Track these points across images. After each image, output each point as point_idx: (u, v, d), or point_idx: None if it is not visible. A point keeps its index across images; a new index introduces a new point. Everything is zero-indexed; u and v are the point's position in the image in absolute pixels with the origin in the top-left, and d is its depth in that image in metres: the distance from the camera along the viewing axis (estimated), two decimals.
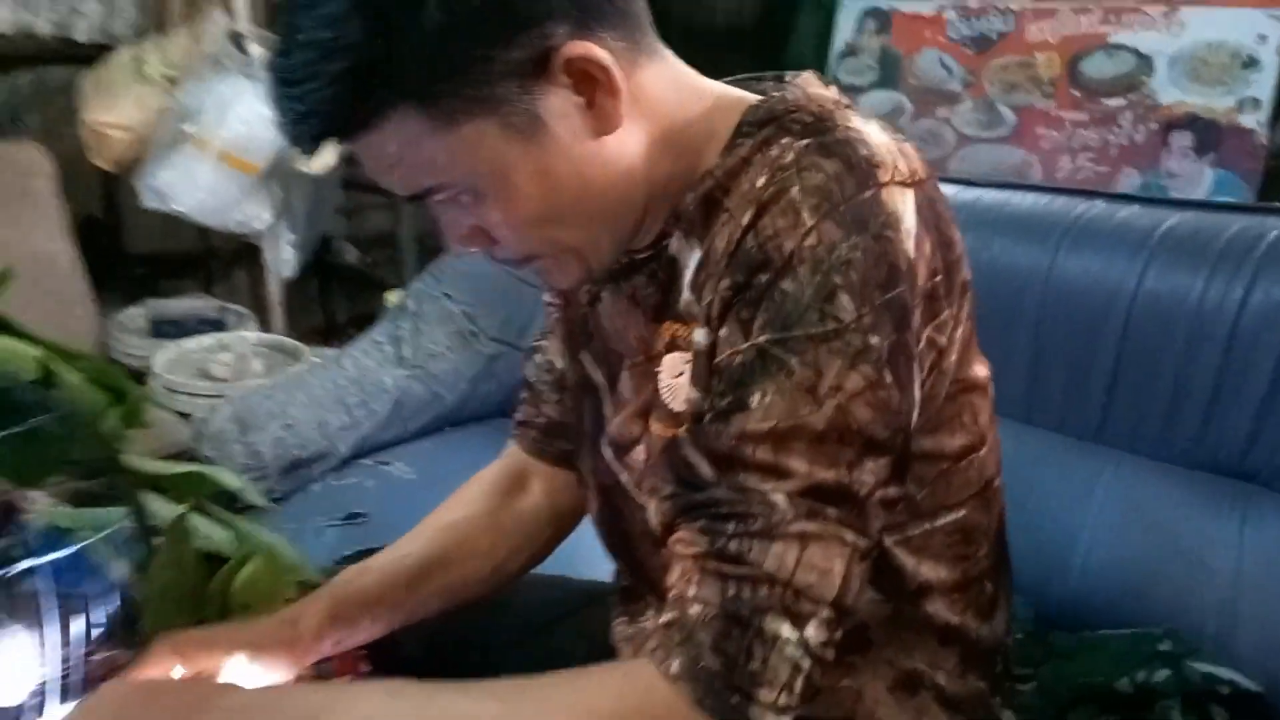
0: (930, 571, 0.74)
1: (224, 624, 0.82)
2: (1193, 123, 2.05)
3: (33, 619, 0.74)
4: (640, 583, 0.84)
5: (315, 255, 2.66)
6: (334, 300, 2.98)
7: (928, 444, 0.70)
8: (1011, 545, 1.13)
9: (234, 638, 0.76)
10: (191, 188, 2.06)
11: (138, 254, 2.65)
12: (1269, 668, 0.99)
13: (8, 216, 1.83)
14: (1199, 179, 2.04)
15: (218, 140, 2.05)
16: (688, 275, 0.69)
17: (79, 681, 0.73)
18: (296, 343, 2.13)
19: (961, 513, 0.74)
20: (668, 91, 0.69)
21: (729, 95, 0.71)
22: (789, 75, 0.73)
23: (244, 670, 0.74)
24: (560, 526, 0.93)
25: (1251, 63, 1.99)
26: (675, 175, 0.69)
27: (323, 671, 0.81)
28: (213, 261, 2.80)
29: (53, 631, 0.73)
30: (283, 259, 2.47)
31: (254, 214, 2.21)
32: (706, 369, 0.66)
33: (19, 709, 0.70)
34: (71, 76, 2.35)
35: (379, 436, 1.58)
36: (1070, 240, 1.23)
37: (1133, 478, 1.16)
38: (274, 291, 2.49)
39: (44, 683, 0.70)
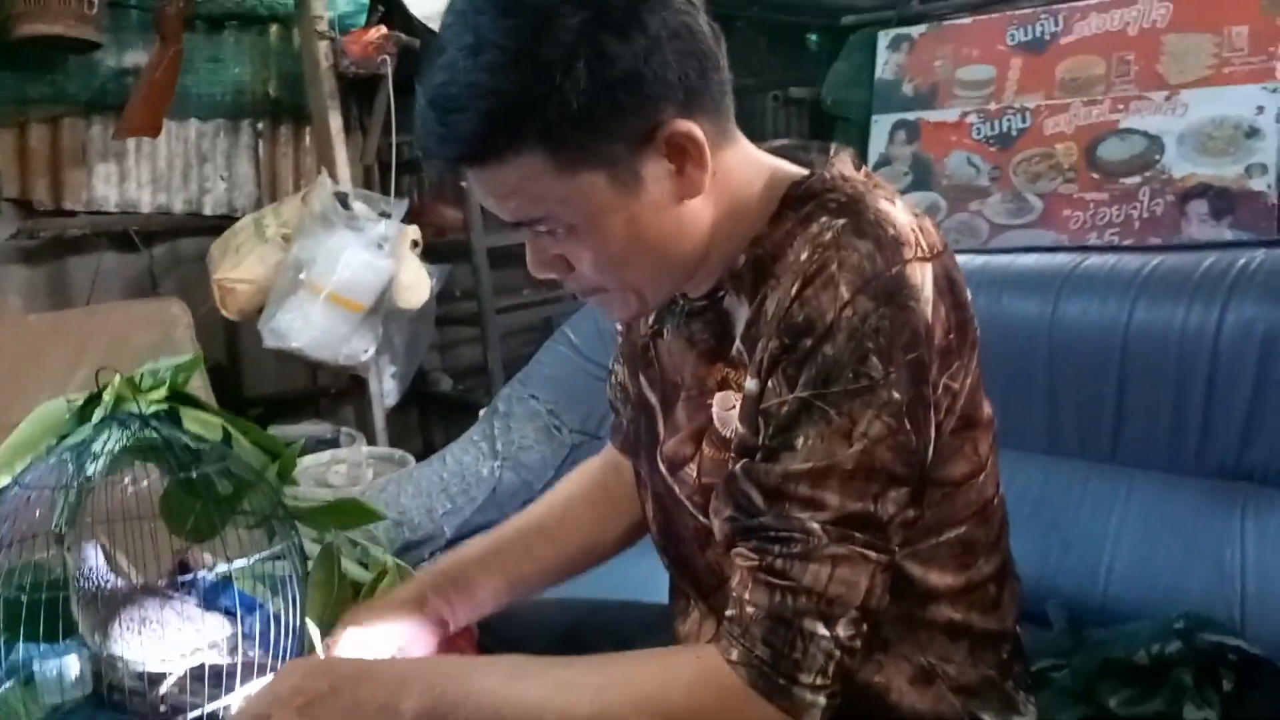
0: (937, 579, 0.85)
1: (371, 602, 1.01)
2: (1206, 191, 2.20)
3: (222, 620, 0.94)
4: (684, 578, 0.97)
5: (413, 386, 2.93)
6: (432, 426, 3.23)
7: (935, 473, 0.81)
8: (1047, 558, 1.27)
9: (384, 606, 0.96)
10: (306, 326, 2.34)
11: (256, 396, 2.94)
12: (1273, 638, 1.10)
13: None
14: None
15: (328, 284, 2.34)
16: (739, 328, 0.82)
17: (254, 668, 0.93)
18: (404, 453, 2.36)
19: (963, 529, 0.85)
20: (738, 169, 0.82)
21: (778, 171, 0.83)
22: (832, 149, 0.86)
23: (388, 643, 0.93)
24: None
25: (1254, 132, 2.16)
26: (733, 237, 0.82)
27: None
28: (321, 399, 3.08)
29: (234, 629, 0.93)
30: (385, 389, 2.74)
31: (360, 348, 2.48)
32: (753, 411, 0.78)
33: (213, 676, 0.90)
34: (199, 245, 2.70)
35: (478, 520, 1.77)
36: (1069, 289, 1.40)
37: (1146, 490, 1.29)
38: (378, 418, 2.74)
39: (236, 664, 0.90)
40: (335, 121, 2.58)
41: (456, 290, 3.05)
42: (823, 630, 0.73)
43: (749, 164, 0.83)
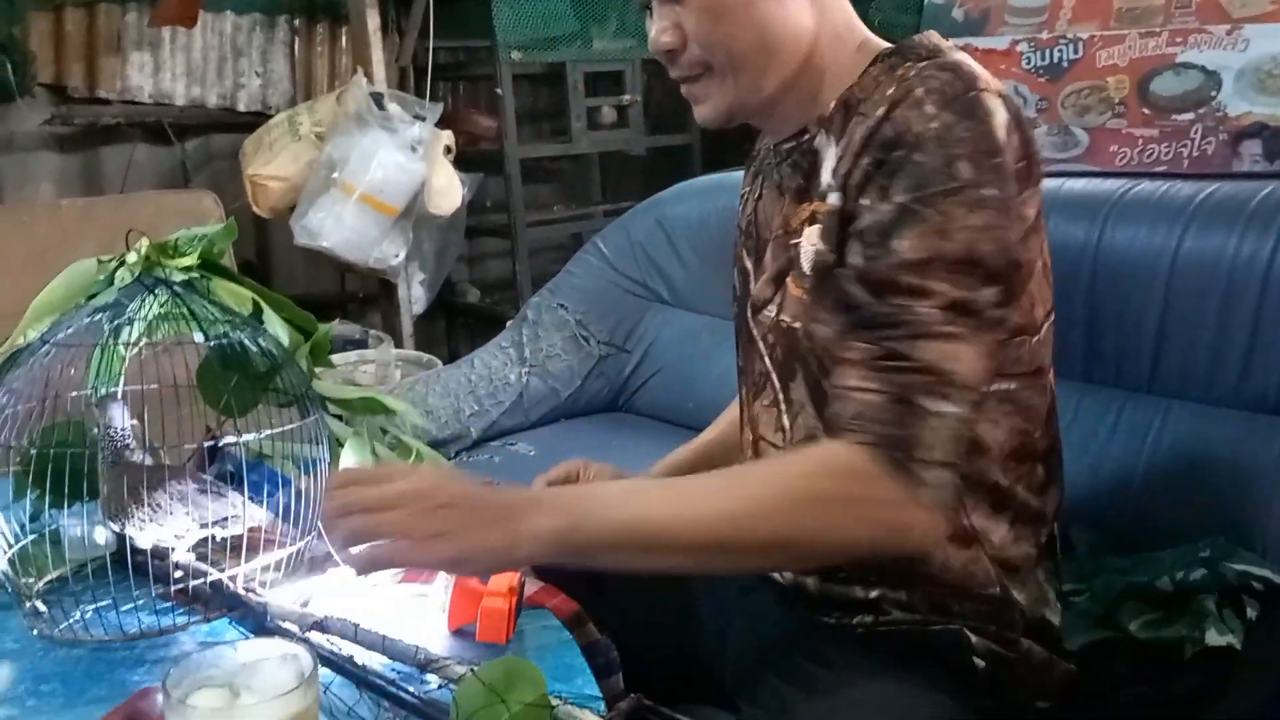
0: (987, 433, 0.88)
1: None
2: (1261, 131, 2.13)
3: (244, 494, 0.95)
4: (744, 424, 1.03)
5: (440, 296, 2.92)
6: (458, 336, 3.23)
7: None
8: (1075, 485, 1.26)
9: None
10: (337, 226, 2.34)
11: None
12: None
13: None
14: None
15: (360, 185, 2.33)
16: (829, 164, 0.88)
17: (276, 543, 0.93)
18: (431, 356, 2.37)
19: (1013, 385, 0.89)
20: (841, 13, 0.93)
21: (872, 41, 0.93)
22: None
23: None
24: None
25: None
26: (821, 78, 0.91)
27: None
28: (349, 303, 3.09)
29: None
30: (414, 295, 2.74)
31: (390, 251, 2.48)
32: (837, 227, 0.85)
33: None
34: (232, 142, 2.68)
35: (505, 423, 1.78)
36: (1117, 214, 1.37)
37: (1181, 420, 1.27)
38: (406, 325, 2.74)
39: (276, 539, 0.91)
40: (373, 20, 2.54)
41: (488, 201, 3.03)
42: (939, 407, 0.77)
43: (850, 18, 0.94)
